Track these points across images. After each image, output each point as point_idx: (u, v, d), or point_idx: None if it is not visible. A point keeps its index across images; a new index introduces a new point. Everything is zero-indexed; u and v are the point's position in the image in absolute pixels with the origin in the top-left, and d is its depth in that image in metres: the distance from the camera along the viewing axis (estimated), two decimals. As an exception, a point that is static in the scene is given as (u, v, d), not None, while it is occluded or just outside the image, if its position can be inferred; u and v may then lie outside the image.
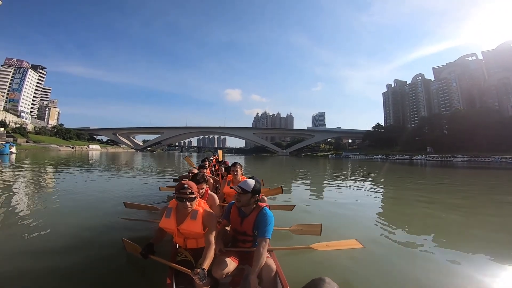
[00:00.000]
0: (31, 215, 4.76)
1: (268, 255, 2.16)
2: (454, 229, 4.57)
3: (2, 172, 12.85)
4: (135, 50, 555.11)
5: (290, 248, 3.03)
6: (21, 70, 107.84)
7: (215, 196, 3.15)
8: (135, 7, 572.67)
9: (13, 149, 34.32)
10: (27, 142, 71.44)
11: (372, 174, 17.95)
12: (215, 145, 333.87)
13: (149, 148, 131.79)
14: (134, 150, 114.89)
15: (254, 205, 2.25)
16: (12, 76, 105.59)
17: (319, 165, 32.24)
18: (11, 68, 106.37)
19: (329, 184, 11.68)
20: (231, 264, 2.07)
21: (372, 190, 9.86)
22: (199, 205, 2.27)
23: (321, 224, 3.62)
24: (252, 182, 2.27)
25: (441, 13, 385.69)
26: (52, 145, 76.01)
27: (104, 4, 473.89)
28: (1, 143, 35.39)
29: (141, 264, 2.58)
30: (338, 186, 10.77)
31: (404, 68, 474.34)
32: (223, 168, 5.80)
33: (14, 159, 25.77)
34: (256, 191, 2.23)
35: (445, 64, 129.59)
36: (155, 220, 3.73)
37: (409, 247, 3.57)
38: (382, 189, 10.35)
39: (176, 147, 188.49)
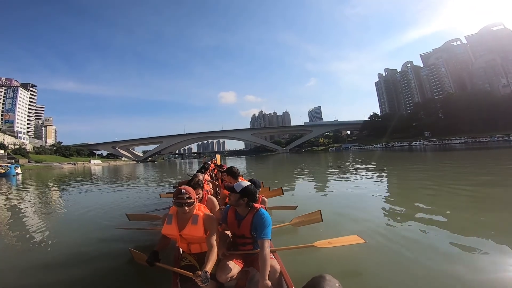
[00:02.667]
0: (40, 229, 5.08)
1: (272, 255, 2.18)
2: (461, 219, 4.41)
3: (13, 192, 13.25)
4: (123, 60, 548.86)
5: (293, 247, 2.99)
6: (11, 89, 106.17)
7: (215, 199, 3.22)
8: (112, 16, 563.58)
9: (19, 170, 34.62)
10: (28, 162, 71.30)
11: (373, 165, 18.15)
12: (215, 149, 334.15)
13: (149, 159, 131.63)
14: (135, 162, 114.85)
15: (250, 207, 2.26)
16: (4, 96, 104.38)
17: (320, 160, 32.35)
18: (2, 88, 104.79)
19: (331, 179, 11.68)
20: (235, 267, 2.10)
21: (375, 182, 9.88)
22: (200, 210, 2.31)
23: (320, 210, 3.70)
24: (244, 183, 2.30)
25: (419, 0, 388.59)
26: (54, 163, 75.95)
27: (81, 15, 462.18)
28: (6, 165, 35.69)
29: (148, 272, 2.61)
30: (341, 180, 10.80)
31: (393, 57, 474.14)
32: (220, 173, 5.95)
33: (21, 179, 26.13)
34: (246, 193, 2.23)
35: (431, 50, 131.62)
36: (156, 228, 3.83)
37: (413, 240, 3.50)
38: (385, 180, 10.33)
39: (177, 155, 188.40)
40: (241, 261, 2.22)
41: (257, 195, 2.43)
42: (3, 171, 31.16)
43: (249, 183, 2.35)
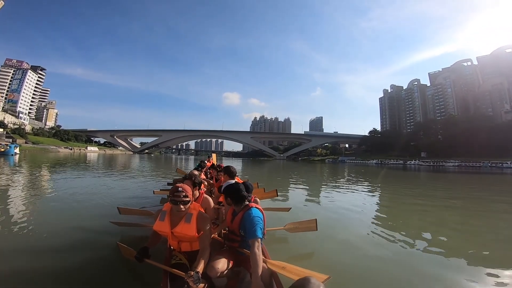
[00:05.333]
0: (30, 216, 4.90)
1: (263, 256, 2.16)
2: (451, 240, 4.48)
3: (9, 172, 13.44)
4: (135, 54, 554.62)
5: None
6: (20, 71, 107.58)
7: (210, 199, 3.19)
8: (139, 12, 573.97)
9: (17, 150, 35.02)
10: (25, 143, 71.71)
11: (367, 179, 18.54)
12: (213, 149, 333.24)
13: (146, 151, 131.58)
14: (132, 153, 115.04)
15: (243, 205, 2.27)
16: (11, 77, 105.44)
17: (316, 170, 32.73)
18: (11, 69, 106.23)
19: (325, 188, 12.01)
20: (225, 264, 2.09)
21: (366, 196, 10.08)
22: (194, 209, 2.27)
23: (316, 219, 3.67)
24: (229, 183, 2.41)
25: (439, 19, 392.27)
26: (51, 147, 76.44)
27: (109, 8, 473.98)
28: (6, 144, 36.07)
29: (136, 268, 2.57)
30: (334, 190, 11.02)
31: (401, 73, 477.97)
32: (216, 172, 5.82)
33: (17, 160, 26.37)
34: (227, 192, 2.32)
35: (440, 70, 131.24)
36: (148, 224, 3.72)
37: (404, 257, 3.53)
38: (377, 195, 10.53)
39: (174, 150, 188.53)
40: (232, 259, 2.21)
41: (248, 195, 2.37)
42: (2, 150, 31.59)
43: (234, 182, 2.43)
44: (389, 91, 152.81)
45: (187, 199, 2.16)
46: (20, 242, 3.52)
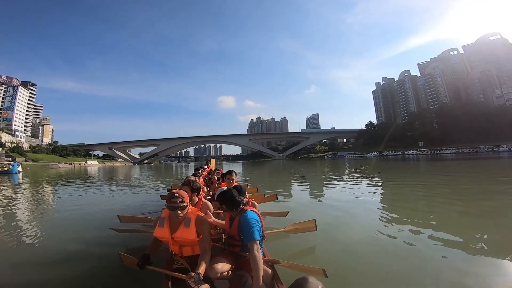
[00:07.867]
0: (37, 230, 5.06)
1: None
2: (453, 229, 4.41)
3: (14, 190, 13.86)
4: (125, 62, 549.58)
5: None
6: (11, 87, 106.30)
7: (209, 203, 3.21)
8: (123, 18, 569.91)
9: (20, 168, 35.19)
10: (25, 160, 71.36)
11: (366, 172, 18.78)
12: (212, 154, 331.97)
13: (146, 161, 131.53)
14: (132, 164, 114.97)
15: (239, 209, 2.30)
16: (3, 94, 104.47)
17: (316, 167, 32.86)
18: (2, 86, 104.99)
19: (325, 186, 11.89)
20: (226, 266, 2.11)
21: (367, 190, 9.92)
22: (192, 213, 2.29)
23: (314, 219, 3.72)
24: (221, 189, 2.50)
25: (421, 10, 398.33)
26: (52, 163, 76.36)
27: (92, 16, 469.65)
28: (9, 163, 36.43)
29: (138, 275, 2.59)
30: (334, 187, 10.91)
31: (391, 66, 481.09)
32: (215, 177, 5.86)
33: (21, 177, 26.56)
34: (221, 199, 2.38)
35: (429, 60, 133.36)
36: (148, 230, 3.76)
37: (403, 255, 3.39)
38: (376, 189, 10.39)
39: (173, 158, 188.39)
40: (233, 262, 2.24)
41: (242, 199, 2.41)
42: (5, 169, 31.88)
43: (227, 188, 2.49)
44: (381, 83, 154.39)
45: (184, 204, 2.20)
46: (27, 254, 3.70)
